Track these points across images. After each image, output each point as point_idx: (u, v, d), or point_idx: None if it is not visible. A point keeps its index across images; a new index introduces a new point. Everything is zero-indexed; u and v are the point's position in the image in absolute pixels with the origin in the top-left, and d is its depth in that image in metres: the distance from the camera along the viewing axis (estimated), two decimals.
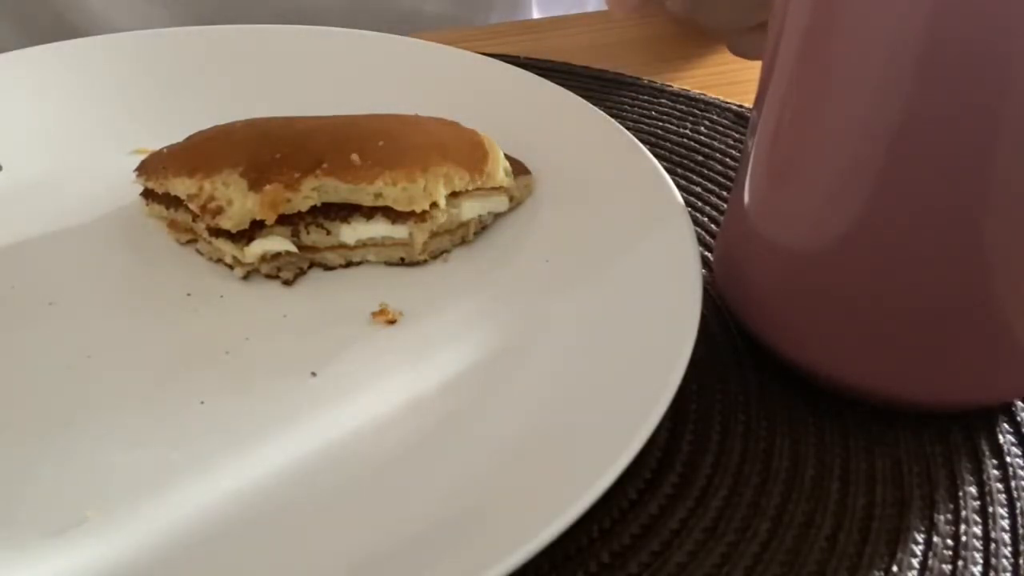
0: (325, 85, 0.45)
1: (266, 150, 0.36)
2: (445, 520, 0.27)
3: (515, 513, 0.26)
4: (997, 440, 0.32)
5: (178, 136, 0.42)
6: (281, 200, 0.35)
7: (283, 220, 0.36)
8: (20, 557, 0.26)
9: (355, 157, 0.36)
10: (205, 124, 0.40)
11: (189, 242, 0.38)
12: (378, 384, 0.32)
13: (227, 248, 0.36)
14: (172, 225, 0.38)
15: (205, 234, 0.36)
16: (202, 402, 0.31)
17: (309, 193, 0.36)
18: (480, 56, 0.46)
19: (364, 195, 0.36)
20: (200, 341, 0.34)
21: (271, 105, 0.43)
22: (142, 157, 0.40)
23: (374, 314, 0.35)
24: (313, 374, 0.32)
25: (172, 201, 0.38)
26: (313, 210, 0.36)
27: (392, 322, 0.35)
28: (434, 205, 0.36)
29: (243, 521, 0.27)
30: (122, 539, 0.27)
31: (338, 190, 0.36)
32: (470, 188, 0.37)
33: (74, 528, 0.27)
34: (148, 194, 0.38)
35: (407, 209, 0.36)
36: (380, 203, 0.36)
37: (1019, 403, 0.33)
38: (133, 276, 0.37)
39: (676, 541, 0.29)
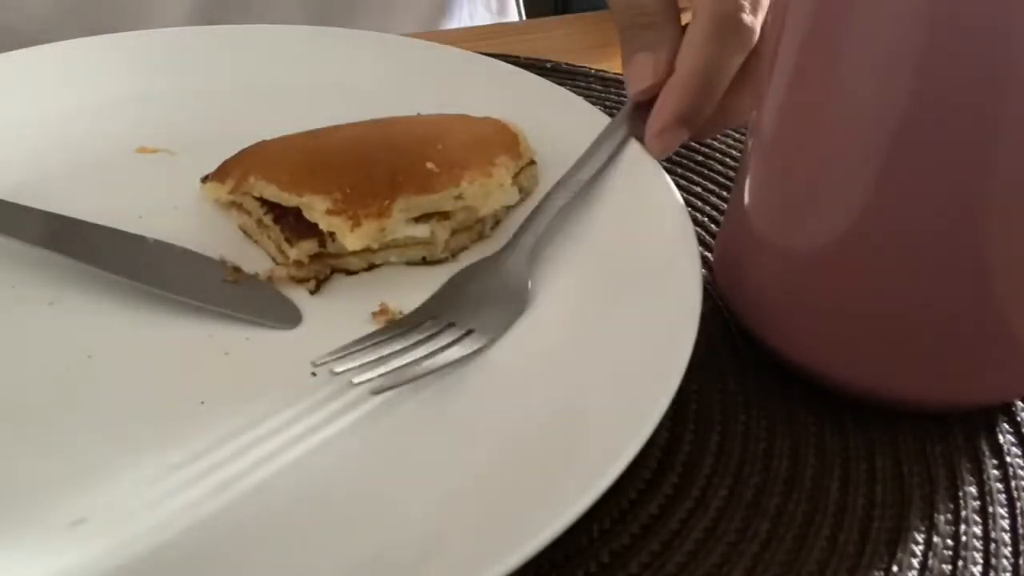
0: (325, 85, 0.45)
1: (346, 175, 0.36)
2: (445, 519, 0.27)
3: (515, 513, 0.26)
4: (997, 440, 0.32)
5: (180, 137, 0.42)
6: (377, 234, 0.35)
7: (310, 231, 0.36)
8: (20, 557, 0.26)
9: (431, 165, 0.36)
10: (204, 124, 0.40)
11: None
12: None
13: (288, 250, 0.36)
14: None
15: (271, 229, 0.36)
16: (202, 402, 0.31)
17: (398, 215, 0.36)
18: (481, 56, 0.46)
19: (446, 202, 0.36)
20: (200, 341, 0.34)
21: (271, 104, 0.44)
22: (143, 156, 0.40)
23: (374, 314, 0.35)
24: (313, 374, 0.32)
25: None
26: None
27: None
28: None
29: (243, 521, 0.27)
30: (122, 540, 0.27)
31: (420, 204, 0.36)
32: (517, 170, 0.39)
33: (74, 528, 0.27)
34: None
35: (483, 205, 0.37)
36: (459, 206, 0.36)
37: (1019, 403, 0.33)
38: None
39: (676, 541, 0.29)
